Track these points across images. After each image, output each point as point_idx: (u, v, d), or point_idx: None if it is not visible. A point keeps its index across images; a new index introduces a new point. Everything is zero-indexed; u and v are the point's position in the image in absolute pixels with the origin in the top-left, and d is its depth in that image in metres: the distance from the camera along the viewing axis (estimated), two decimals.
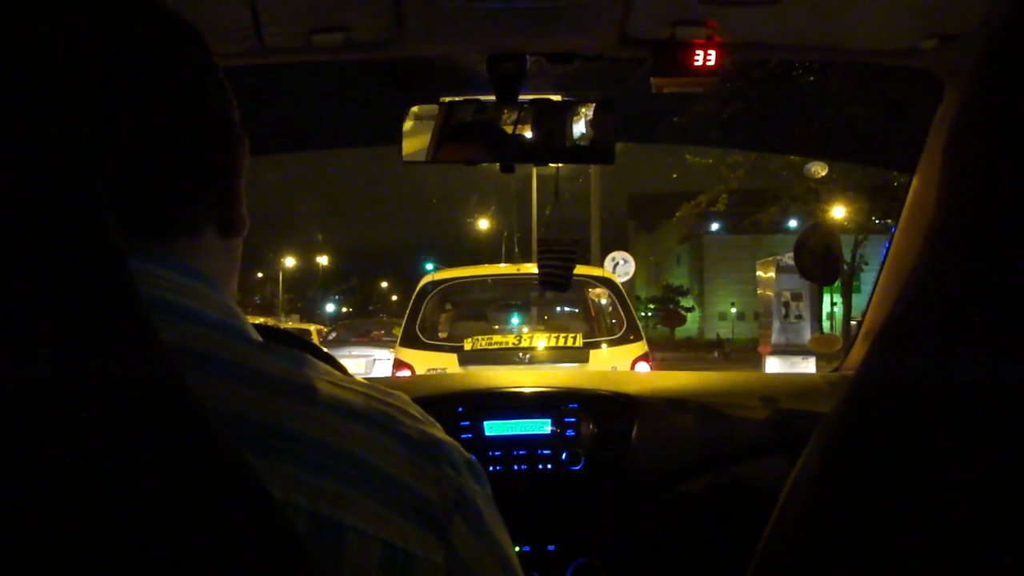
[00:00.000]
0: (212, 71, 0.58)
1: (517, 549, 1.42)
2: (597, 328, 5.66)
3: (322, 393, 0.52)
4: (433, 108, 1.41)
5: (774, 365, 8.37)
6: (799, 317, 8.58)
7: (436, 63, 1.45)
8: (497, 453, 1.44)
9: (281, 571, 0.36)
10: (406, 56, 1.38)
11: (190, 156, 0.55)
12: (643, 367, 4.97)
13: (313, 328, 16.64)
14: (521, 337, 5.49)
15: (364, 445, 0.50)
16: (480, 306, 6.60)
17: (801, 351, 8.06)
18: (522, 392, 1.53)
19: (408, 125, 1.42)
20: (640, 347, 5.11)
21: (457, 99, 1.42)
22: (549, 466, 1.44)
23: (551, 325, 6.49)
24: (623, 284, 11.66)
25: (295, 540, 0.38)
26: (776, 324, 8.83)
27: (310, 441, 0.48)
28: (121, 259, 0.35)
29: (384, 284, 62.70)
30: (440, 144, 1.42)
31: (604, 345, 5.20)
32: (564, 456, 1.44)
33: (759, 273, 9.56)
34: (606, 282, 5.60)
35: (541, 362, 5.02)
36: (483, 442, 1.44)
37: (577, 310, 6.70)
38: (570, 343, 5.14)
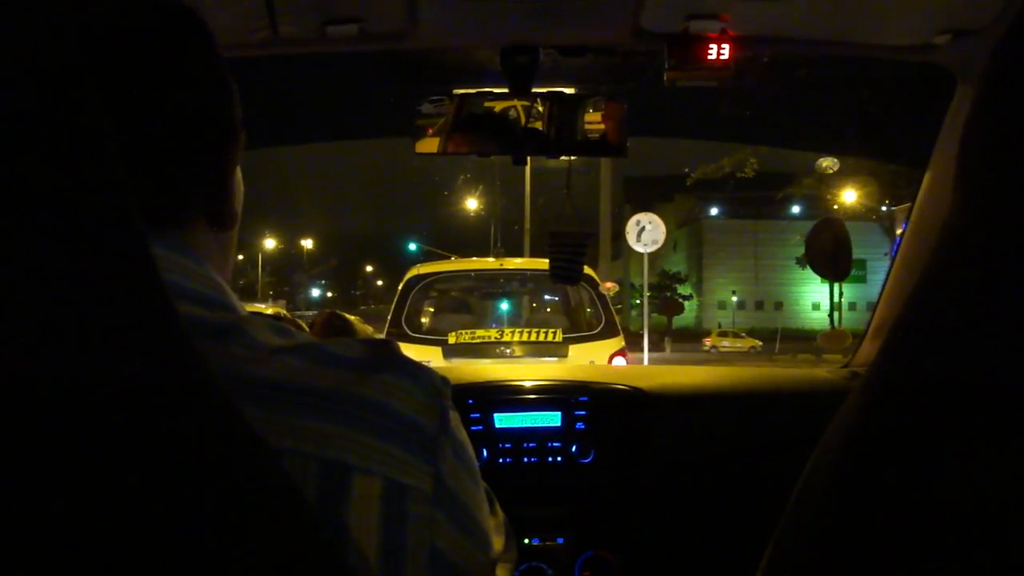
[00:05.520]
0: (216, 64, 0.57)
1: (526, 541, 1.44)
2: (576, 324, 5.63)
3: (312, 348, 0.53)
4: (446, 100, 1.41)
5: None
6: None
7: (449, 55, 1.45)
8: (507, 445, 1.44)
9: (288, 523, 0.37)
10: (420, 48, 1.38)
11: (186, 149, 0.54)
12: (620, 361, 4.98)
13: None
14: (503, 331, 5.43)
15: (358, 384, 0.52)
16: (464, 300, 6.50)
17: None
18: (533, 385, 1.53)
19: (421, 117, 1.42)
20: (617, 342, 5.14)
21: (470, 91, 1.42)
22: (559, 459, 1.44)
23: (533, 320, 6.45)
24: (650, 254, 10.29)
25: (298, 494, 0.39)
26: None
27: (310, 391, 0.50)
28: (144, 243, 0.35)
29: (369, 268, 61.96)
30: (452, 136, 1.42)
31: (583, 340, 5.18)
32: (574, 449, 1.44)
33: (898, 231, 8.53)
34: (587, 279, 5.44)
35: (522, 356, 4.99)
36: (493, 434, 1.44)
37: (559, 303, 6.65)
38: (551, 338, 5.16)
